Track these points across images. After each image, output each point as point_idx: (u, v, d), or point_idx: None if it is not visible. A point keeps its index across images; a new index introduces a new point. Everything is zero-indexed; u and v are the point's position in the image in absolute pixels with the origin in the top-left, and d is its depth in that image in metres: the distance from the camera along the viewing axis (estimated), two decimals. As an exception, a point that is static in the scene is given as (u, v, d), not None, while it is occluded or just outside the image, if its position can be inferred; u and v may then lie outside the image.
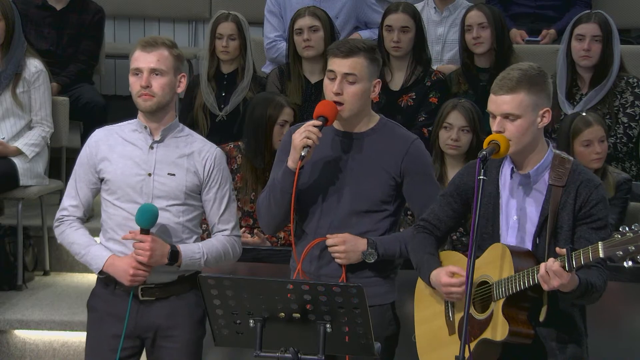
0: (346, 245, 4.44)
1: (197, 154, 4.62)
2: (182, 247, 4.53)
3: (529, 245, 4.12)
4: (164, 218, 4.52)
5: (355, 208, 4.47)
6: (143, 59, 4.52)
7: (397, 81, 6.61)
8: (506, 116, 4.05)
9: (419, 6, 6.99)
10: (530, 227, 4.13)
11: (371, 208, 4.48)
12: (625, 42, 7.19)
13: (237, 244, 4.70)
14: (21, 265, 6.64)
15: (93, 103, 7.27)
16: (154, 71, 4.51)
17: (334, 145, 4.48)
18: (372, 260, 4.45)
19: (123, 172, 4.55)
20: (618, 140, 6.22)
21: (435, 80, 6.56)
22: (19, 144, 6.59)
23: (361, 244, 4.45)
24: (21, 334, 6.31)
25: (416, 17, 6.61)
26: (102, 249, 4.57)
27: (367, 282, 4.39)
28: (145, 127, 4.59)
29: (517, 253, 4.06)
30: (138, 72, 4.53)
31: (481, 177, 3.97)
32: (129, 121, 4.68)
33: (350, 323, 3.77)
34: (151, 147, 4.58)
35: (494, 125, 4.08)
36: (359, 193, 4.46)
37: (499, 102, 4.07)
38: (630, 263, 3.77)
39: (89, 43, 7.45)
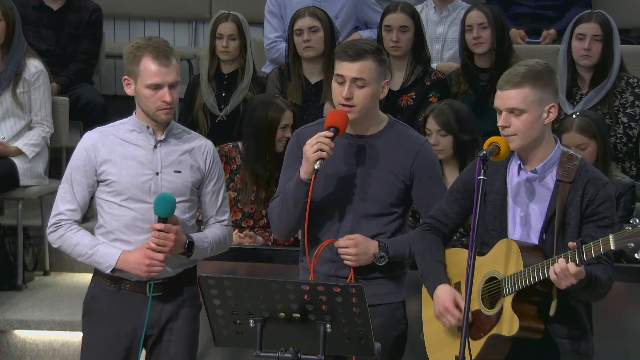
0: (358, 248, 4.43)
1: (197, 149, 4.64)
2: (193, 237, 4.57)
3: (535, 241, 4.14)
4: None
5: (365, 212, 4.46)
6: (161, 75, 4.47)
7: (396, 81, 6.61)
8: (511, 111, 4.08)
9: (418, 7, 7.00)
10: (537, 223, 4.14)
11: (381, 211, 4.47)
12: (625, 42, 7.19)
13: (232, 233, 4.80)
14: (21, 265, 6.64)
15: (93, 103, 7.28)
16: (172, 84, 4.50)
17: (344, 149, 4.46)
18: (383, 264, 4.45)
19: (129, 173, 4.55)
20: (618, 140, 6.22)
21: (435, 80, 6.56)
22: (19, 144, 6.59)
23: (372, 246, 4.44)
24: (21, 334, 6.31)
25: (415, 16, 6.61)
26: (111, 247, 4.55)
27: (376, 282, 4.42)
28: (148, 127, 4.58)
29: (525, 248, 4.07)
30: (158, 88, 4.49)
31: (481, 177, 3.98)
32: (121, 121, 4.66)
33: (350, 323, 3.77)
34: (155, 147, 4.58)
35: (499, 120, 4.10)
36: (369, 197, 4.45)
37: (504, 97, 4.09)
38: None
39: (88, 42, 7.46)
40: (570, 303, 4.09)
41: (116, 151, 4.58)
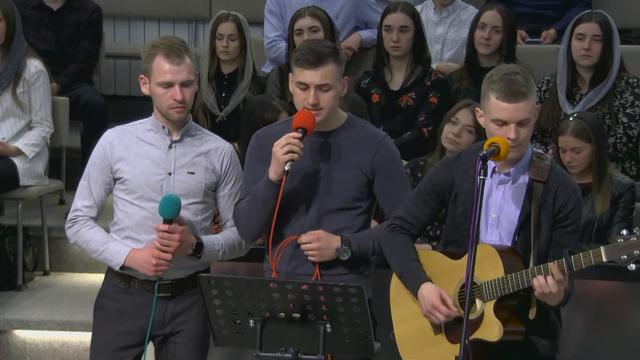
0: (320, 242, 4.43)
1: (214, 152, 4.64)
2: (203, 239, 4.57)
3: (508, 243, 4.15)
4: (183, 216, 4.54)
5: (329, 206, 4.46)
6: (173, 73, 4.48)
7: (396, 81, 6.61)
8: (520, 122, 4.06)
9: (418, 8, 7.00)
10: (510, 225, 4.15)
11: (344, 205, 4.48)
12: (625, 42, 7.18)
13: None
14: (21, 265, 6.64)
15: (93, 103, 7.27)
16: (184, 83, 4.50)
17: (306, 146, 4.44)
18: (346, 258, 4.45)
19: (142, 172, 4.56)
20: (618, 140, 6.21)
21: (435, 80, 6.56)
22: (19, 144, 6.59)
23: (335, 241, 4.44)
24: (21, 334, 6.31)
25: (415, 16, 6.62)
26: (121, 245, 4.57)
27: (341, 279, 4.40)
28: (163, 127, 4.59)
29: (503, 252, 4.08)
30: (169, 86, 4.50)
31: (481, 177, 3.97)
32: (140, 121, 4.68)
33: (350, 323, 3.77)
34: (170, 147, 4.59)
35: (511, 133, 4.04)
36: (332, 191, 4.46)
37: (514, 110, 4.04)
38: (633, 266, 3.81)
39: (88, 42, 7.45)
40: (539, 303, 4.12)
41: (132, 150, 4.59)
